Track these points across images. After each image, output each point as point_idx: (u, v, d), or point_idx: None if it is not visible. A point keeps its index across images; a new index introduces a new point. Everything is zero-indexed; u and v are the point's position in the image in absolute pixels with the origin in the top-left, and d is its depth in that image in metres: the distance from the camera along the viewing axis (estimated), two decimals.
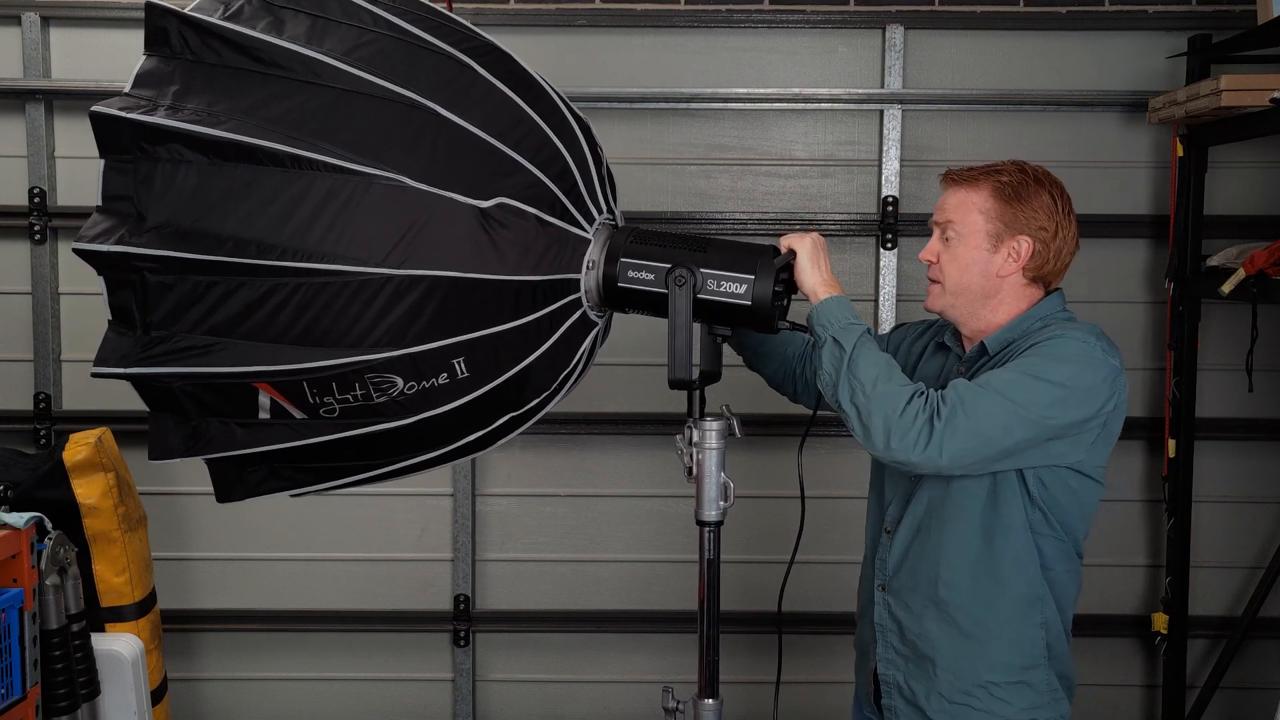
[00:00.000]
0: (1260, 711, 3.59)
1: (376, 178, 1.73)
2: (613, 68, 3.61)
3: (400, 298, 1.74)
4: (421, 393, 1.80)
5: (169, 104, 1.80)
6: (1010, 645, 2.02)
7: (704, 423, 1.90)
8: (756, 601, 3.55)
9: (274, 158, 1.73)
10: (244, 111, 1.77)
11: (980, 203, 2.00)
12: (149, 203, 1.80)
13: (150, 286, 1.80)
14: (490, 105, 1.84)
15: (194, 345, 1.79)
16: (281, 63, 1.79)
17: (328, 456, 1.92)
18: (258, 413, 1.84)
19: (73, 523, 2.96)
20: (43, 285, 3.60)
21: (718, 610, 1.95)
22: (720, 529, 1.92)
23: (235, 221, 1.75)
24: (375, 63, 1.81)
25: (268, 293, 1.75)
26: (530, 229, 1.80)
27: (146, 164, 1.80)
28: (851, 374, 1.88)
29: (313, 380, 1.78)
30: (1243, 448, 3.70)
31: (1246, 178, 3.63)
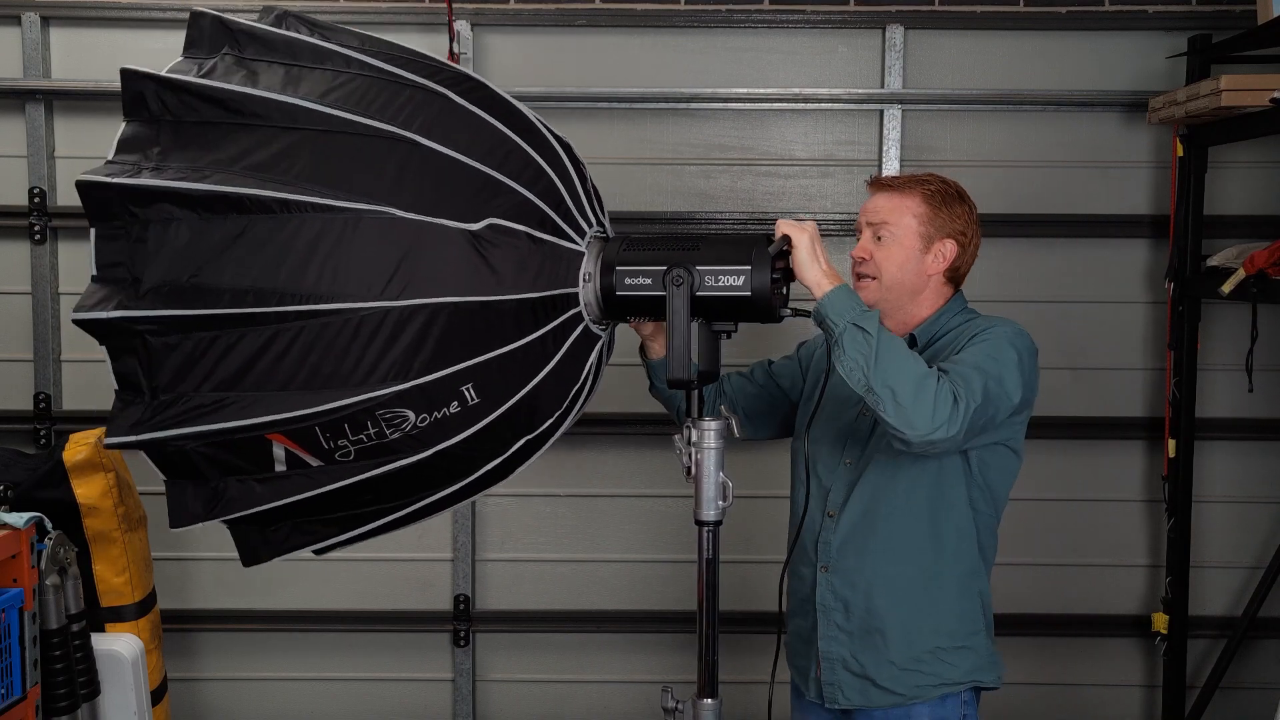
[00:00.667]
0: (1260, 711, 3.59)
1: (365, 212, 1.73)
2: (613, 68, 3.61)
3: (402, 329, 1.74)
4: (434, 424, 1.79)
5: (154, 165, 1.80)
6: (956, 614, 2.19)
7: (703, 422, 1.90)
8: (756, 601, 3.55)
9: (262, 205, 1.73)
10: (227, 163, 1.77)
11: (913, 207, 2.20)
12: (143, 265, 1.78)
13: (153, 349, 1.79)
14: (469, 130, 1.85)
15: (203, 404, 1.78)
16: (259, 111, 1.80)
17: (348, 503, 1.90)
18: (274, 465, 1.83)
19: (73, 523, 2.96)
20: (43, 285, 3.61)
21: (717, 610, 1.94)
22: (719, 529, 1.92)
23: (231, 273, 1.75)
24: (351, 101, 1.82)
25: (270, 340, 1.74)
26: (522, 246, 1.80)
27: (137, 227, 1.79)
28: (882, 358, 1.90)
29: (325, 424, 1.77)
30: (1243, 448, 3.70)
31: (1246, 178, 3.63)
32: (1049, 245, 3.66)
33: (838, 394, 2.33)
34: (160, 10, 3.55)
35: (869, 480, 2.20)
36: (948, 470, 2.15)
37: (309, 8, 3.53)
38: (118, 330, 1.80)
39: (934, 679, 2.18)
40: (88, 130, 3.61)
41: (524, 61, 3.61)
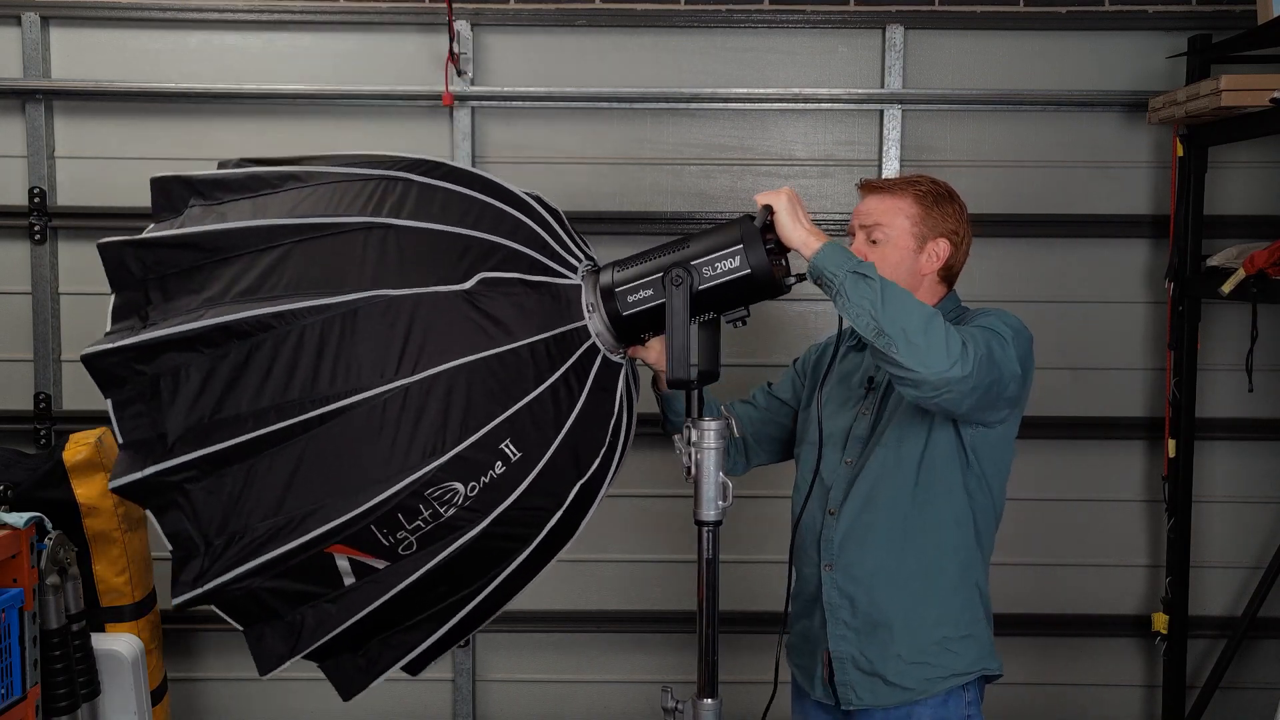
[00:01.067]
0: (1260, 711, 3.59)
1: (358, 301, 1.75)
2: (613, 68, 3.61)
3: (426, 402, 1.74)
4: (485, 489, 1.79)
5: (149, 322, 1.83)
6: (958, 603, 2.21)
7: (702, 423, 1.90)
8: (756, 601, 3.55)
9: (260, 324, 1.75)
10: (218, 297, 1.80)
11: (906, 208, 2.21)
12: (164, 420, 1.80)
13: (195, 498, 1.80)
14: (439, 203, 1.88)
15: (256, 537, 1.78)
16: (236, 243, 1.83)
17: (426, 600, 1.89)
18: (342, 579, 1.82)
19: (73, 523, 2.97)
20: (43, 285, 3.61)
21: (717, 610, 1.95)
22: (719, 529, 1.92)
23: (249, 398, 1.76)
24: (320, 206, 1.85)
25: (303, 451, 1.75)
26: (518, 293, 1.81)
27: (148, 386, 1.81)
28: (889, 300, 1.90)
29: (379, 520, 1.76)
30: (1243, 448, 3.70)
31: (1246, 178, 3.63)
32: (1049, 245, 3.66)
33: (838, 394, 2.35)
34: (160, 10, 3.55)
35: (868, 473, 2.21)
36: (943, 458, 2.16)
37: (310, 6, 3.54)
38: (157, 489, 1.80)
39: (942, 670, 2.19)
40: (88, 130, 3.61)
41: (524, 61, 3.62)
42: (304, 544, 1.77)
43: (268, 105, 3.60)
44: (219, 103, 3.59)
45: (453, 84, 3.49)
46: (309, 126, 3.61)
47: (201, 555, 1.81)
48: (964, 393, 1.94)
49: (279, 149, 3.61)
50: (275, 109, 3.60)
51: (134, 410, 1.82)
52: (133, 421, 1.82)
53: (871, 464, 2.21)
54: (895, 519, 2.19)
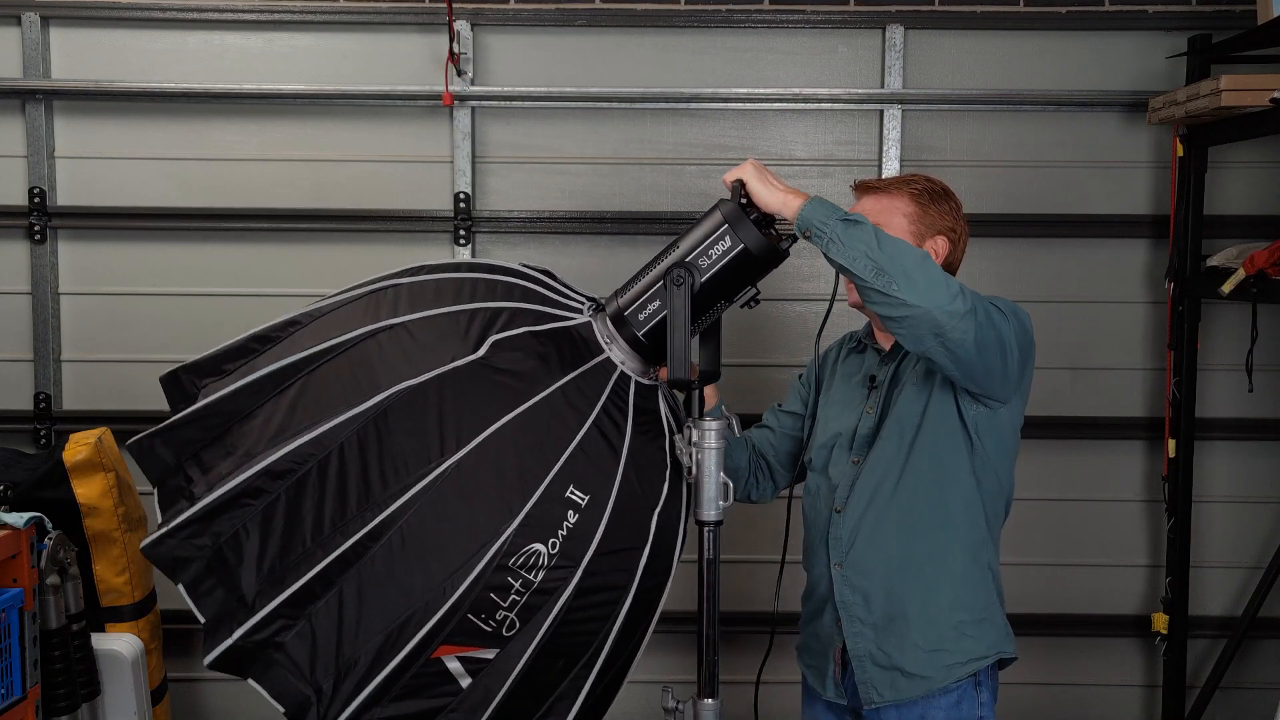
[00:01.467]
0: (1260, 711, 3.59)
1: (384, 401, 1.76)
2: (613, 68, 3.61)
3: (479, 473, 1.74)
4: (565, 542, 1.77)
5: (194, 495, 1.82)
6: (971, 587, 2.19)
7: (703, 423, 1.90)
8: (756, 601, 3.55)
9: (298, 458, 1.76)
10: (252, 449, 1.80)
11: (902, 207, 2.21)
12: (238, 583, 1.79)
13: (292, 648, 1.78)
14: (430, 292, 1.90)
15: (361, 665, 1.77)
16: (252, 396, 1.84)
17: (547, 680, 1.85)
18: (459, 682, 1.79)
19: (73, 523, 2.97)
20: (43, 285, 3.61)
21: (717, 610, 1.94)
22: (719, 529, 1.92)
23: (310, 531, 1.76)
24: (320, 334, 1.87)
25: (374, 562, 1.74)
26: (531, 345, 1.83)
27: (213, 557, 1.79)
28: (884, 240, 1.90)
29: (473, 606, 1.75)
30: (1243, 448, 3.70)
31: (1246, 178, 3.63)
32: (1049, 245, 3.66)
33: (842, 395, 2.34)
34: (160, 10, 3.55)
35: (872, 467, 2.20)
36: (947, 444, 2.15)
37: (309, 6, 3.54)
38: (252, 653, 1.78)
39: (960, 655, 2.17)
40: (88, 130, 3.61)
41: (524, 61, 3.62)
42: (409, 654, 1.75)
43: (268, 105, 3.60)
44: (219, 103, 3.59)
45: (453, 84, 3.49)
46: (309, 126, 3.61)
47: (314, 705, 1.78)
48: (967, 331, 1.91)
49: (279, 149, 3.61)
50: (275, 109, 3.60)
51: (207, 586, 1.80)
52: (209, 597, 1.80)
53: (875, 458, 2.20)
54: (902, 508, 2.17)
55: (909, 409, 2.18)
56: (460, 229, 3.58)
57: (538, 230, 3.63)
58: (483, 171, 3.63)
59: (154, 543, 1.81)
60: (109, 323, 3.63)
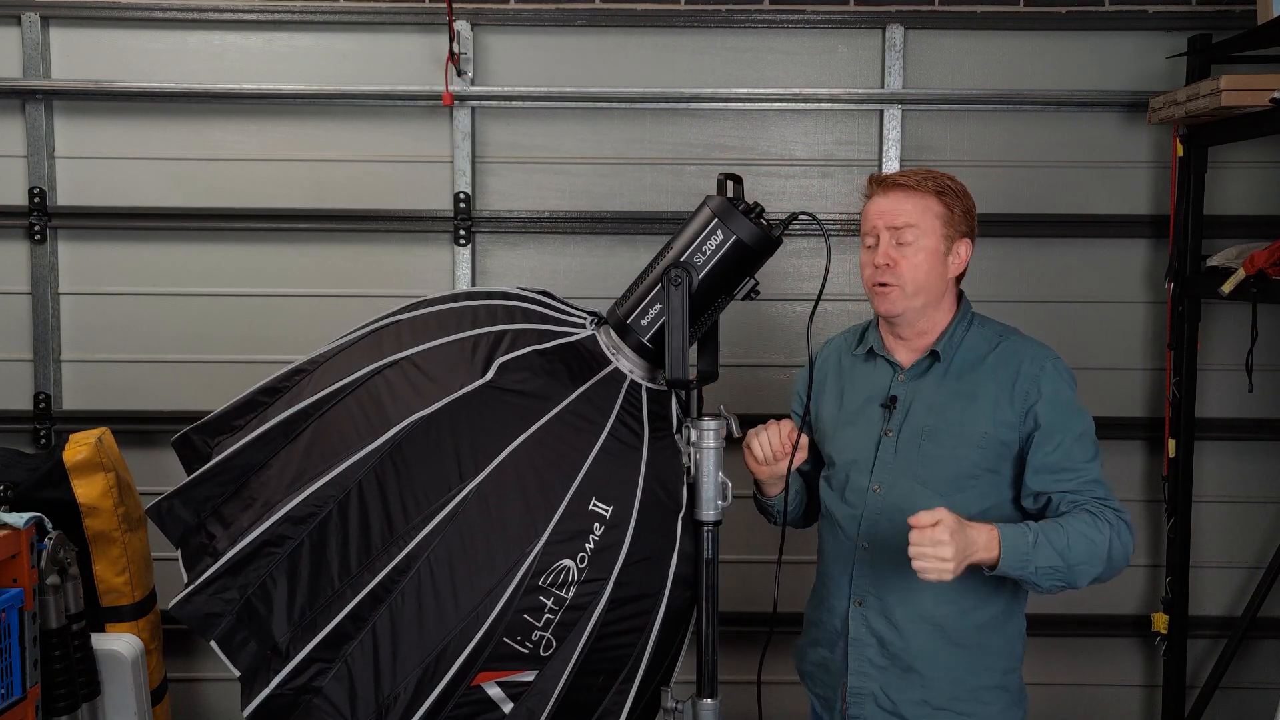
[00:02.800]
0: (1260, 711, 3.59)
1: (398, 434, 1.76)
2: (613, 68, 3.61)
3: (501, 495, 1.74)
4: (594, 555, 1.77)
5: (217, 551, 1.82)
6: (996, 654, 2.12)
7: (702, 422, 1.90)
8: (756, 602, 3.55)
9: (320, 501, 1.76)
10: (270, 501, 1.80)
11: (934, 207, 2.09)
12: (270, 632, 1.78)
13: (331, 693, 1.76)
14: (431, 325, 1.91)
15: (401, 700, 1.75)
16: (265, 447, 1.84)
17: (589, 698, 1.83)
18: (501, 709, 1.78)
19: (73, 523, 2.97)
20: (43, 285, 3.61)
21: (716, 610, 1.94)
22: (719, 529, 1.92)
23: (338, 570, 1.75)
24: (327, 381, 1.87)
25: (408, 595, 1.73)
26: (537, 363, 1.83)
27: (242, 609, 1.79)
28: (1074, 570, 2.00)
29: (508, 629, 1.74)
30: (1243, 448, 3.70)
31: (1246, 178, 3.63)
32: (1049, 245, 3.66)
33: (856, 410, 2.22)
34: (160, 10, 3.55)
35: (905, 506, 2.04)
36: (996, 501, 2.08)
37: (309, 6, 3.54)
38: (292, 702, 1.76)
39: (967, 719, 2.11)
40: (88, 130, 3.61)
41: (524, 61, 3.62)
42: (448, 685, 1.74)
43: (268, 105, 3.60)
44: (219, 103, 3.59)
45: (453, 84, 3.49)
46: (309, 126, 3.62)
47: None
48: None
49: (279, 149, 3.61)
50: (275, 109, 3.60)
51: (239, 639, 1.79)
52: (242, 650, 1.79)
53: (910, 497, 2.07)
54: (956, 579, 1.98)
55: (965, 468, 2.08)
56: (460, 229, 3.58)
57: (537, 230, 3.63)
58: (483, 171, 3.63)
59: (183, 601, 1.80)
60: (109, 323, 3.63)
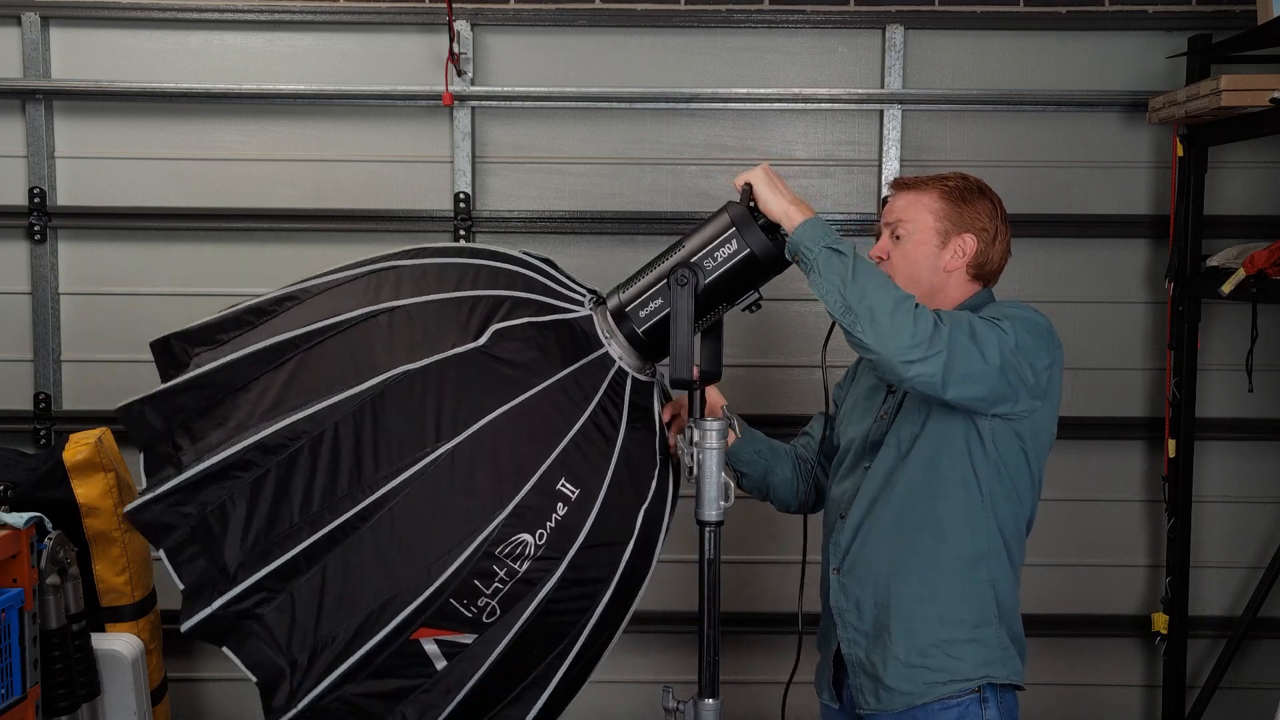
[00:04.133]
0: (1260, 711, 3.59)
1: (383, 383, 1.76)
2: (613, 68, 3.61)
3: (474, 461, 1.75)
4: (553, 534, 1.78)
5: (182, 464, 1.82)
6: (960, 600, 2.11)
7: (704, 423, 1.90)
8: (757, 602, 3.55)
9: (291, 434, 1.76)
10: (244, 422, 1.80)
11: (929, 203, 2.16)
12: (220, 552, 1.79)
13: (270, 621, 1.78)
14: (433, 276, 1.90)
15: (338, 641, 1.77)
16: (248, 369, 1.84)
17: (521, 667, 1.86)
18: (434, 664, 1.80)
19: (73, 523, 2.96)
20: (43, 285, 3.60)
21: (718, 610, 1.95)
22: (720, 529, 1.92)
23: (299, 507, 1.76)
24: (321, 313, 1.86)
25: (366, 543, 1.75)
26: (532, 335, 1.83)
27: (197, 525, 1.80)
28: (859, 277, 1.88)
29: (456, 592, 1.76)
30: (1243, 448, 3.70)
31: (1246, 178, 3.63)
32: (1049, 245, 3.66)
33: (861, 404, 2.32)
34: (160, 10, 3.55)
35: (875, 473, 2.17)
36: (952, 453, 2.08)
37: (310, 6, 3.54)
38: (231, 623, 1.79)
39: (940, 675, 2.09)
40: (88, 130, 3.61)
41: (524, 61, 3.61)
42: (388, 635, 1.76)
43: (267, 105, 3.59)
44: (219, 103, 3.59)
45: (453, 84, 3.49)
46: (309, 126, 3.61)
47: (288, 677, 1.79)
48: (932, 374, 1.89)
49: (279, 149, 3.61)
50: (275, 109, 3.60)
51: (189, 554, 1.81)
52: (190, 565, 1.81)
53: (879, 463, 2.16)
54: (899, 516, 2.12)
55: (911, 415, 2.14)
56: (460, 229, 3.58)
57: (538, 230, 3.63)
58: (483, 171, 3.63)
59: (138, 508, 1.81)
60: (109, 323, 3.63)
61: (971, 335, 1.93)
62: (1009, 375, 1.98)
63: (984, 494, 2.10)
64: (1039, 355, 2.05)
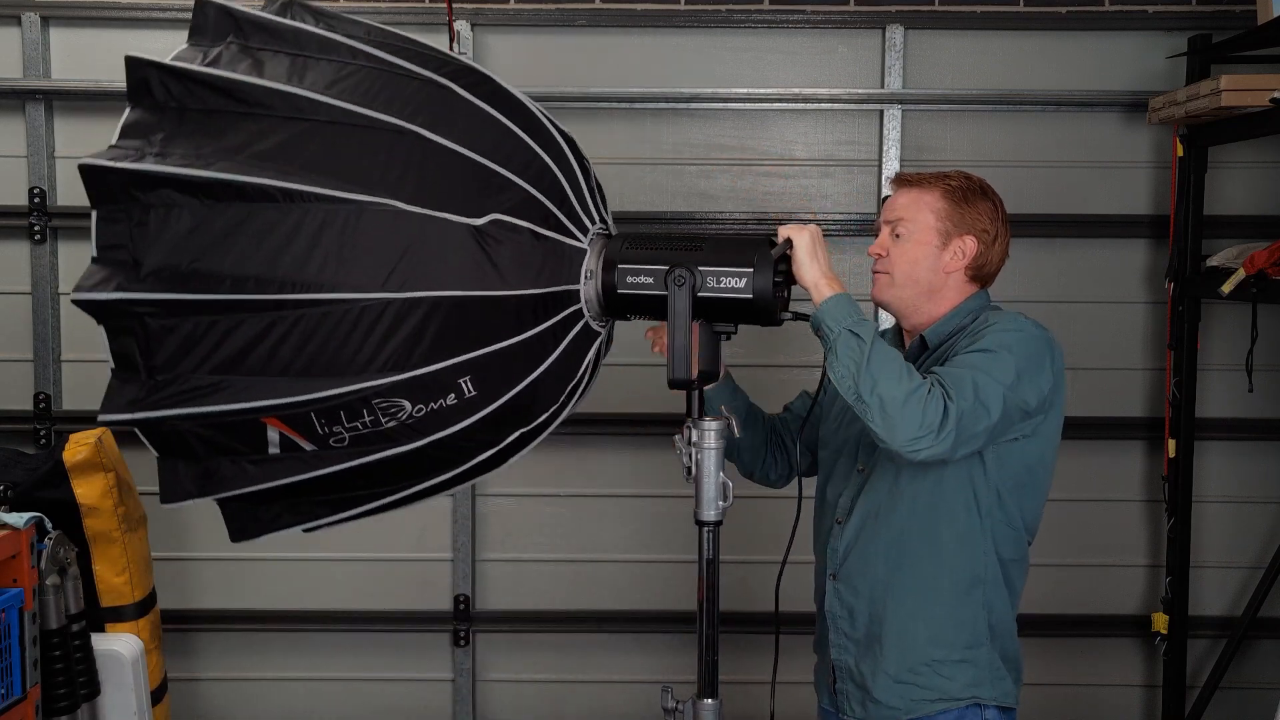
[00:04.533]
0: (1260, 711, 3.59)
1: (368, 204, 1.74)
2: (613, 68, 3.61)
3: (402, 321, 1.74)
4: (430, 414, 1.80)
5: (156, 150, 1.81)
6: (954, 624, 2.10)
7: (703, 423, 1.90)
8: (756, 602, 3.55)
9: (265, 193, 1.74)
10: (231, 151, 1.78)
11: (931, 202, 2.14)
12: (144, 248, 1.79)
13: (151, 331, 1.80)
14: (474, 124, 1.85)
15: (199, 386, 1.79)
16: (264, 101, 1.80)
17: (340, 487, 1.91)
18: (268, 448, 1.84)
19: (73, 523, 2.96)
20: (43, 285, 3.61)
21: (717, 610, 1.94)
22: (719, 529, 1.92)
23: (232, 259, 1.75)
24: (357, 93, 1.82)
25: (269, 327, 1.75)
26: (525, 243, 1.80)
27: (139, 211, 1.80)
28: (873, 366, 1.88)
29: (320, 410, 1.78)
30: (1243, 448, 3.70)
31: (1246, 178, 3.63)
32: (1049, 245, 3.66)
33: None
34: (160, 10, 3.55)
35: (874, 485, 2.14)
36: (949, 475, 2.06)
37: None
38: (116, 311, 1.81)
39: (929, 693, 2.09)
40: (88, 130, 3.61)
41: (524, 61, 3.61)
42: (242, 410, 1.78)
43: None
44: None
45: None
46: None
47: (142, 384, 1.83)
48: (938, 453, 1.90)
49: None
50: None
51: (117, 229, 1.81)
52: (111, 235, 1.81)
53: (879, 473, 2.14)
54: (895, 532, 2.10)
55: None
56: None
57: None
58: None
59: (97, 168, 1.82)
60: None
61: (976, 396, 1.92)
62: (1011, 414, 1.99)
63: (983, 517, 2.09)
64: (1041, 378, 2.06)
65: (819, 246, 1.95)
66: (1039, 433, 2.11)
